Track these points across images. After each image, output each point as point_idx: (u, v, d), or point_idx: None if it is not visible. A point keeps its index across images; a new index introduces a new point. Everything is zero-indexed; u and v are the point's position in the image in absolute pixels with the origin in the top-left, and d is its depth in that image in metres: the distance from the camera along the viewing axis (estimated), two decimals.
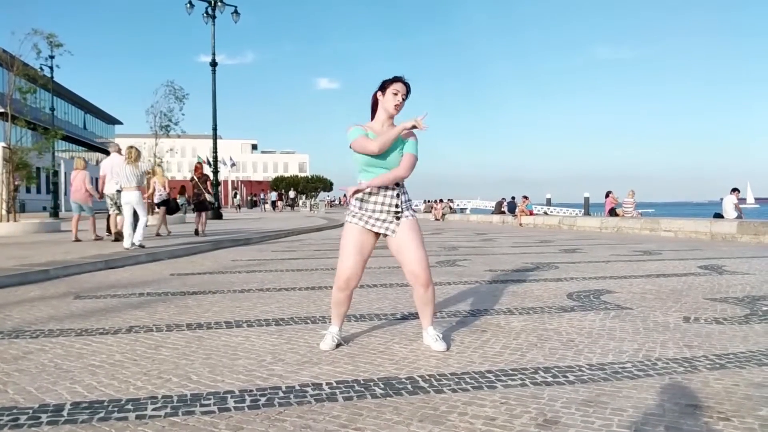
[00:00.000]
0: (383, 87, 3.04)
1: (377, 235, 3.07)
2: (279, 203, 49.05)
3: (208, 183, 13.17)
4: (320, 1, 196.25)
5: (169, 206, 12.21)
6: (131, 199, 8.57)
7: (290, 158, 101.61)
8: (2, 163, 13.48)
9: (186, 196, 22.61)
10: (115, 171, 9.60)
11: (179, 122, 18.72)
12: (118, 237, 9.77)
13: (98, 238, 10.53)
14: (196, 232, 11.75)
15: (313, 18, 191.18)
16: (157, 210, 12.59)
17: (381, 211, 3.00)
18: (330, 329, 3.17)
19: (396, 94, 3.00)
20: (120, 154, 10.15)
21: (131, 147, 8.95)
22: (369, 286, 5.25)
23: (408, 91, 3.04)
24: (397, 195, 3.01)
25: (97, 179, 11.40)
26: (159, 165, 14.07)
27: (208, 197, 12.38)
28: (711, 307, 4.27)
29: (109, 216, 10.58)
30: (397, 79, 3.02)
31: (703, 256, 8.26)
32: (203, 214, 12.05)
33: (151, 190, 11.30)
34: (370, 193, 3.00)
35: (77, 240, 10.26)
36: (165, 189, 12.03)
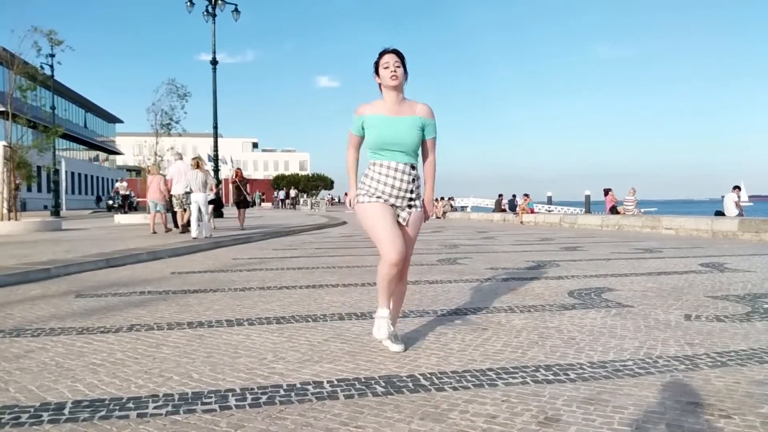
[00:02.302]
0: (375, 69, 2.94)
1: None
2: (286, 201, 50.42)
3: (248, 185, 15.39)
4: (320, 0, 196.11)
5: (217, 204, 14.03)
6: (198, 199, 10.44)
7: (291, 156, 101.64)
8: (3, 161, 13.48)
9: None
10: (180, 175, 11.51)
11: (181, 120, 18.70)
12: (185, 230, 11.52)
13: (168, 230, 12.18)
14: (244, 227, 13.68)
15: (313, 16, 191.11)
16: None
17: (397, 197, 2.89)
18: (380, 313, 2.97)
19: (387, 68, 2.87)
20: (182, 160, 12.21)
21: (197, 157, 11.09)
22: (369, 284, 5.25)
23: (400, 58, 2.90)
24: (413, 180, 2.91)
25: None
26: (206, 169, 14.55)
27: (248, 197, 14.78)
28: (712, 304, 4.26)
29: (175, 213, 12.36)
30: (382, 54, 2.92)
31: (704, 254, 8.25)
32: (243, 210, 14.35)
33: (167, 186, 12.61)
34: (386, 175, 2.87)
35: (154, 232, 11.81)
36: (212, 189, 13.65)
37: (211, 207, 13.32)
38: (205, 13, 20.61)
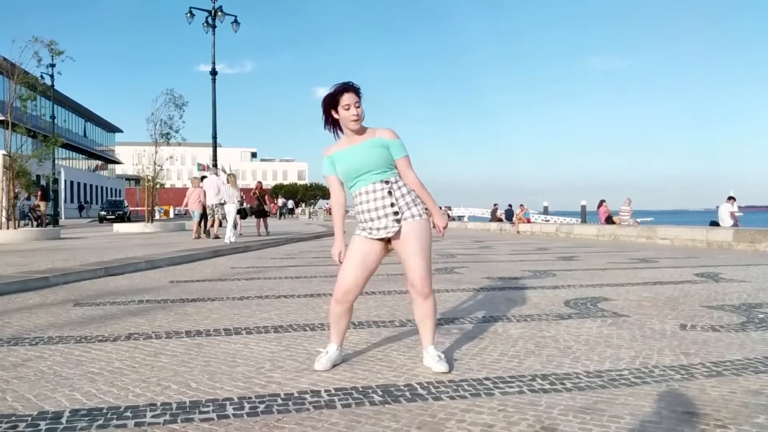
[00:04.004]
0: (334, 104, 2.79)
1: (386, 247, 2.85)
2: (296, 210, 52.72)
3: (266, 196, 17.04)
4: (318, 11, 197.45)
5: (242, 212, 15.34)
6: (231, 209, 12.25)
7: (289, 166, 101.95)
8: (2, 170, 13.51)
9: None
10: (214, 188, 13.08)
11: (180, 130, 18.78)
12: (217, 237, 13.24)
13: (198, 237, 13.76)
14: (261, 233, 15.32)
15: (311, 28, 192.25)
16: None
17: (380, 217, 2.78)
18: (328, 347, 2.92)
19: (348, 109, 2.77)
20: (217, 176, 13.91)
21: (231, 174, 13.22)
22: (368, 293, 5.25)
23: (358, 96, 2.78)
24: (389, 192, 2.77)
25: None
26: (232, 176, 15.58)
27: (266, 207, 16.45)
28: (707, 314, 4.28)
29: (205, 221, 14.12)
30: (341, 92, 2.78)
31: (699, 264, 8.28)
32: (263, 219, 16.06)
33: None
34: (364, 201, 2.80)
35: (198, 237, 13.61)
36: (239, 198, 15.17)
37: (237, 216, 15.30)
38: (205, 24, 20.76)
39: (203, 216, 14.03)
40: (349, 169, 2.83)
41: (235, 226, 12.58)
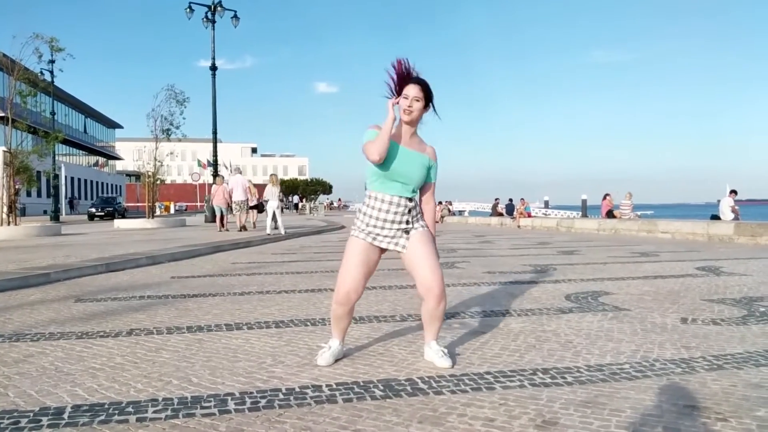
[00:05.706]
0: (402, 85, 2.77)
1: (383, 250, 2.87)
2: (300, 204, 55.15)
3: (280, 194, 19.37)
4: (318, 6, 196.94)
5: (258, 207, 16.86)
6: (273, 206, 13.74)
7: (290, 161, 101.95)
8: (3, 167, 13.51)
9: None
10: (241, 186, 14.90)
11: (180, 126, 18.79)
12: (244, 228, 14.87)
13: (226, 230, 14.77)
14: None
15: (311, 23, 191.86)
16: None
17: (390, 229, 2.79)
18: (330, 343, 2.93)
19: (406, 98, 2.73)
20: (241, 174, 16.05)
21: (273, 174, 14.70)
22: (368, 288, 5.26)
23: (424, 92, 2.74)
24: (408, 211, 2.80)
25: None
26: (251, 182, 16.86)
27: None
28: (708, 308, 4.28)
29: (222, 215, 15.39)
30: (408, 81, 2.75)
31: (700, 258, 8.27)
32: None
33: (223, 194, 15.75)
34: (379, 209, 2.77)
35: (221, 231, 14.64)
36: (255, 195, 16.38)
37: (254, 210, 16.60)
38: (205, 19, 20.71)
39: (226, 210, 15.38)
40: (395, 170, 2.74)
41: (275, 219, 13.99)
